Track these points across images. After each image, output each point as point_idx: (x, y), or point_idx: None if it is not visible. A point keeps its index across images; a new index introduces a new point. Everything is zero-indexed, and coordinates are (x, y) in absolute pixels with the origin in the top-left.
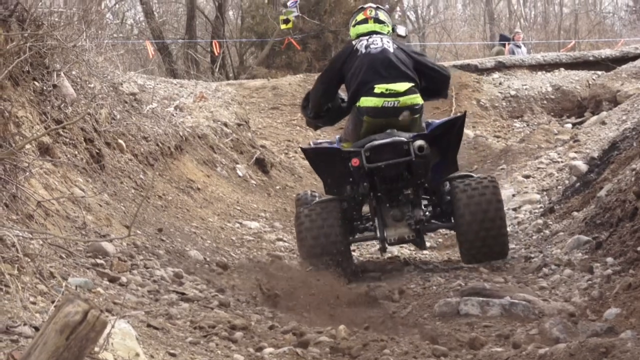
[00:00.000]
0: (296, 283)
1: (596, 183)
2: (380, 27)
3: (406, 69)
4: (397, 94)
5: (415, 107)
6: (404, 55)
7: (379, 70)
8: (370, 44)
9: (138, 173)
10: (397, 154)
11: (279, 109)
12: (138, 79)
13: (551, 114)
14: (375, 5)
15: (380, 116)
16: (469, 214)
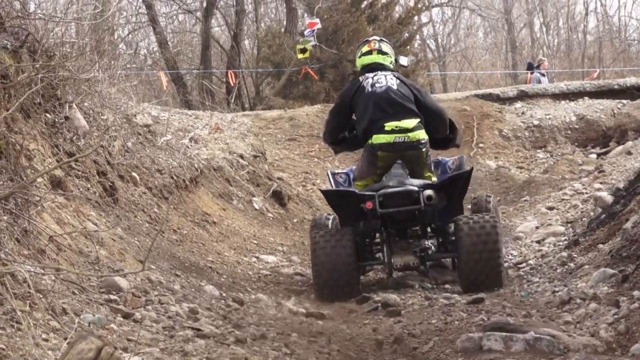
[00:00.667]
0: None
1: (622, 215)
2: (383, 59)
3: (410, 105)
4: (406, 130)
5: (422, 142)
6: (407, 90)
7: (385, 109)
8: (376, 82)
9: (152, 206)
10: (407, 202)
11: (296, 140)
12: (152, 110)
13: (575, 144)
14: (379, 38)
15: (393, 151)
16: (470, 244)
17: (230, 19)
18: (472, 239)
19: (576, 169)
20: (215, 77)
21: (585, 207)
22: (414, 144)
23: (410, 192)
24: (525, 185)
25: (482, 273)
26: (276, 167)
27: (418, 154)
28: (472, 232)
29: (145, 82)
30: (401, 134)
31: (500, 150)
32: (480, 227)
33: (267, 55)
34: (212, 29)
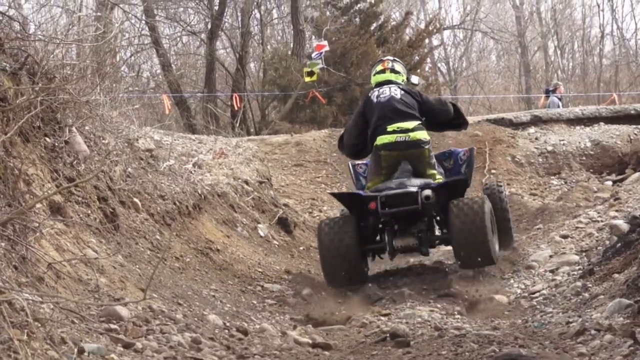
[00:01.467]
0: None
1: (638, 243)
2: (395, 77)
3: (411, 111)
4: (407, 130)
5: (423, 141)
6: (411, 99)
7: (387, 114)
8: (380, 94)
9: (154, 233)
10: (407, 202)
11: (303, 165)
12: (154, 134)
13: (590, 170)
14: (392, 57)
15: (395, 149)
16: (459, 223)
17: (236, 41)
18: (461, 219)
19: (591, 196)
20: (220, 100)
21: (601, 236)
22: (414, 142)
23: (409, 193)
24: (538, 212)
25: (473, 250)
26: (282, 193)
27: (420, 153)
28: (461, 212)
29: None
30: (402, 134)
31: (513, 177)
32: (469, 208)
33: (273, 78)
34: (216, 51)
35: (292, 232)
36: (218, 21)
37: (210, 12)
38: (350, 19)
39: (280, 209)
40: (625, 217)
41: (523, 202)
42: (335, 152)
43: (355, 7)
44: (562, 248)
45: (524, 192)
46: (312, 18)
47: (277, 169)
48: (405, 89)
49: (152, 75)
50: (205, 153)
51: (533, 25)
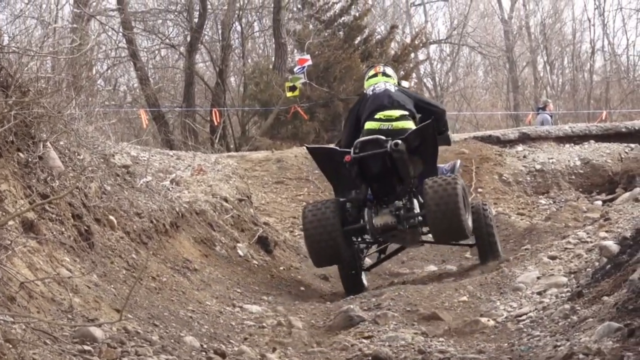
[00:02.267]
0: None
1: (629, 265)
2: (386, 80)
3: (404, 103)
4: (391, 119)
5: (406, 129)
6: (404, 96)
7: (381, 102)
8: (376, 87)
9: (130, 252)
10: (378, 147)
11: (284, 183)
12: (131, 150)
13: (580, 190)
14: (383, 63)
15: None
16: (431, 199)
17: (216, 54)
18: (436, 199)
19: (580, 216)
20: (199, 115)
21: (590, 257)
22: (397, 131)
23: (379, 140)
24: (526, 233)
25: (446, 227)
26: (262, 212)
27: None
28: (434, 191)
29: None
30: (386, 122)
31: (500, 196)
32: (442, 187)
33: (254, 93)
34: (196, 64)
35: (273, 251)
36: (197, 34)
37: (190, 25)
38: (334, 32)
39: (260, 228)
40: (615, 238)
41: (510, 222)
42: (317, 169)
43: (339, 20)
44: (550, 269)
45: (512, 212)
46: (295, 31)
47: (258, 186)
48: (400, 89)
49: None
50: (184, 169)
51: (522, 40)
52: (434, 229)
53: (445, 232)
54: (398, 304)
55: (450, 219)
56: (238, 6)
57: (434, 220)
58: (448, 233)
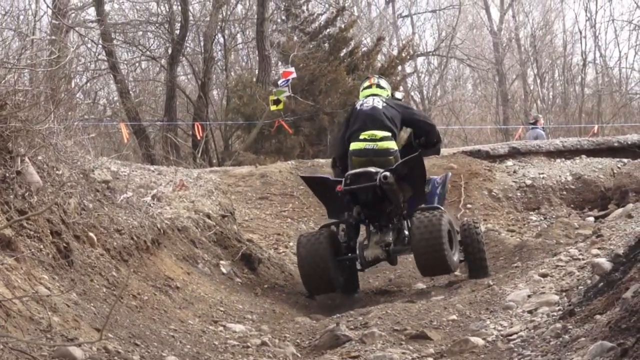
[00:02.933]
0: None
1: (622, 283)
2: (380, 91)
3: (388, 122)
4: (375, 139)
5: (390, 150)
6: (393, 111)
7: (365, 122)
8: (364, 103)
9: (110, 270)
10: (368, 180)
11: (268, 199)
12: (111, 165)
13: (571, 205)
14: (378, 75)
15: (363, 156)
16: (418, 235)
17: (198, 66)
18: (421, 231)
19: (572, 233)
20: (181, 129)
21: (582, 275)
22: (381, 151)
23: (370, 173)
24: (516, 250)
25: (431, 260)
26: (246, 228)
27: (384, 160)
28: (421, 224)
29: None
30: (371, 142)
31: (490, 212)
32: (428, 220)
33: (237, 107)
34: (177, 77)
35: (257, 269)
36: (179, 46)
37: (171, 37)
38: (319, 44)
39: (244, 245)
40: (608, 255)
41: (500, 239)
42: (302, 184)
43: (324, 32)
44: (541, 287)
45: (502, 228)
46: (279, 43)
47: (241, 202)
48: (389, 102)
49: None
50: (165, 185)
51: (511, 53)
52: (419, 265)
53: (429, 268)
54: (385, 323)
55: (434, 257)
56: (220, 17)
57: (418, 257)
58: (432, 269)
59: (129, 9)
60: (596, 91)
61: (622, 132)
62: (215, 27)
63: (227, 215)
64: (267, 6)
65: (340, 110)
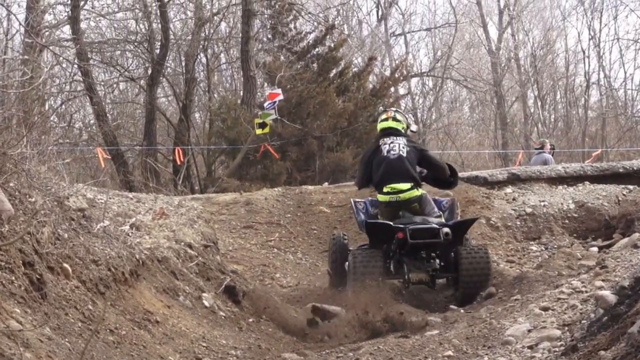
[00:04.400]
0: None
1: (627, 317)
2: (397, 124)
3: (412, 172)
4: (399, 191)
5: (412, 199)
6: (413, 155)
7: (390, 174)
8: (391, 149)
9: (86, 303)
10: (431, 236)
11: (253, 227)
12: (87, 192)
13: (574, 235)
14: (395, 109)
15: (390, 207)
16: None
17: (179, 88)
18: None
19: (575, 263)
20: (161, 154)
21: (585, 308)
22: (404, 202)
23: (433, 229)
24: (516, 282)
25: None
26: (230, 259)
27: (412, 207)
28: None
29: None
30: (394, 195)
31: (488, 242)
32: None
33: (220, 130)
34: (157, 99)
35: (241, 302)
36: (159, 66)
37: (151, 56)
38: (307, 64)
39: (228, 276)
40: (612, 287)
41: (499, 270)
42: (289, 213)
43: (313, 51)
44: (542, 322)
45: (500, 259)
46: (265, 63)
47: (225, 231)
48: (410, 145)
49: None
50: (144, 213)
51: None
52: (465, 293)
53: (474, 294)
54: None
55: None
56: (203, 36)
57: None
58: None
59: (107, 27)
60: (600, 114)
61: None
62: (198, 46)
63: (210, 245)
64: (252, 24)
65: (329, 135)
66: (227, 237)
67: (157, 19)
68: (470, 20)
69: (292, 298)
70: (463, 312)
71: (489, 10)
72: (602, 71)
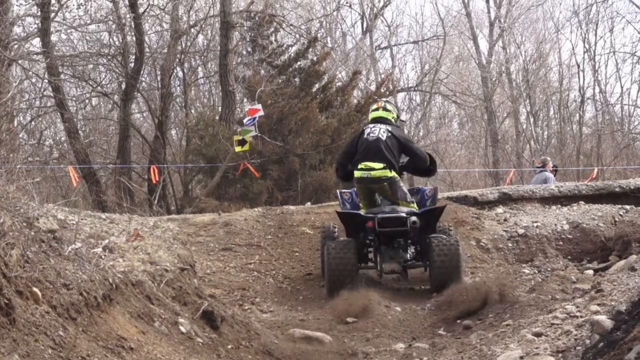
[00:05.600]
0: None
1: (624, 343)
2: (386, 114)
3: (387, 154)
4: (371, 169)
5: (382, 178)
6: (394, 141)
7: (367, 152)
8: (370, 132)
9: (57, 329)
10: (399, 224)
11: (232, 250)
12: (58, 212)
13: (568, 257)
14: (385, 99)
15: (361, 183)
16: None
17: (154, 103)
18: (442, 258)
19: (569, 287)
20: (135, 173)
21: (580, 334)
22: (374, 179)
23: (400, 217)
24: (507, 306)
25: (448, 279)
26: (208, 282)
27: (380, 187)
28: (442, 250)
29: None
30: (366, 172)
31: (478, 265)
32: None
33: (198, 148)
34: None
35: (219, 328)
36: (134, 81)
37: (125, 70)
38: (289, 79)
39: (205, 301)
40: (608, 312)
41: None
42: (270, 234)
43: (295, 65)
44: (535, 348)
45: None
46: (244, 78)
47: (202, 253)
48: (393, 132)
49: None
50: (118, 235)
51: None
52: (436, 282)
53: (445, 283)
54: None
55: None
56: (179, 49)
57: (436, 276)
58: (447, 284)
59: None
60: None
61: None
62: (174, 59)
63: (187, 268)
64: (231, 37)
65: (312, 152)
66: (205, 260)
67: (131, 31)
68: (459, 33)
69: (273, 324)
70: (452, 338)
71: (479, 22)
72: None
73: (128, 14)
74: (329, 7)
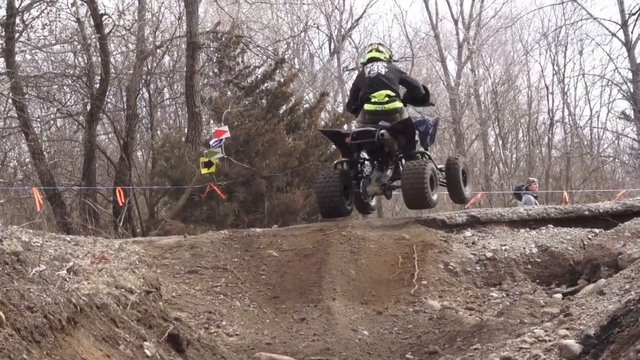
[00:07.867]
0: None
1: None
2: (380, 54)
3: (390, 83)
4: (384, 102)
5: (396, 109)
6: (392, 75)
7: (373, 86)
8: (370, 70)
9: (21, 352)
10: (369, 136)
11: (198, 272)
12: (22, 234)
13: (537, 281)
14: (379, 42)
15: (374, 115)
16: (406, 178)
17: (120, 124)
18: (408, 176)
19: (537, 311)
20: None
21: (549, 358)
22: (389, 111)
23: (370, 131)
24: (475, 330)
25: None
26: (173, 305)
27: (392, 118)
28: (409, 172)
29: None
30: (380, 105)
31: (446, 288)
32: (414, 167)
33: (163, 170)
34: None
35: (185, 351)
36: (99, 101)
37: (90, 91)
38: (256, 100)
39: (171, 324)
40: (577, 336)
41: (458, 318)
42: (237, 257)
43: (262, 86)
44: None
45: (459, 306)
46: (211, 99)
47: (168, 276)
48: (389, 67)
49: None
50: (83, 257)
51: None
52: (406, 201)
53: (414, 204)
54: None
55: (418, 196)
56: (145, 70)
57: (406, 196)
58: (416, 205)
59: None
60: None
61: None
62: (140, 80)
63: (152, 290)
64: (197, 57)
65: (279, 174)
66: (171, 283)
67: (96, 51)
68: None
69: (239, 347)
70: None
71: (448, 44)
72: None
73: (93, 35)
74: (297, 29)
